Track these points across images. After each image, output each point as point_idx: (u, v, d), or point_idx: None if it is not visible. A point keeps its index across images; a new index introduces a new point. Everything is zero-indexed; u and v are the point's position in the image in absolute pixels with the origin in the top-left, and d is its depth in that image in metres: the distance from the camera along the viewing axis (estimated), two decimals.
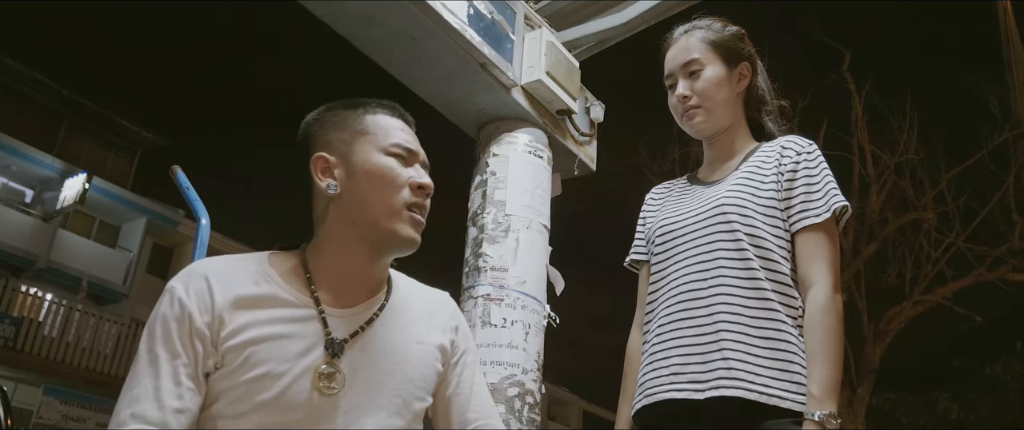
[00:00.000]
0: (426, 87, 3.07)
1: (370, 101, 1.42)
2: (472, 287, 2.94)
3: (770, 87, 1.97)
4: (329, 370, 1.25)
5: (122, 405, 1.19)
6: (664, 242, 1.84)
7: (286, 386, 1.22)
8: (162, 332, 1.22)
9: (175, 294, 1.25)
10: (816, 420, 1.55)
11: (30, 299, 15.32)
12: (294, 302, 1.29)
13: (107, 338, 15.76)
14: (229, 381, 1.22)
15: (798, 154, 1.78)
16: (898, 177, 12.84)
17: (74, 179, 17.63)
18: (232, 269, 1.30)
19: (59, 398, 15.06)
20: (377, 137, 1.37)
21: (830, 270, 1.69)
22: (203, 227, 2.45)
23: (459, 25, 2.79)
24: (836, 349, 1.62)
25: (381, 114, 1.40)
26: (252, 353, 1.22)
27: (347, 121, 1.39)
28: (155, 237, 19.58)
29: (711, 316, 1.68)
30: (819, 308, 1.65)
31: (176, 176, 2.47)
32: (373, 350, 1.31)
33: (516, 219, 3.00)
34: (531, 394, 2.84)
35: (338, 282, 1.33)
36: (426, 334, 1.40)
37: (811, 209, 1.73)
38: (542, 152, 3.19)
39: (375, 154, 1.35)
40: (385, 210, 1.32)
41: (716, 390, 1.61)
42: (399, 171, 1.35)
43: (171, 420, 1.17)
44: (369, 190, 1.33)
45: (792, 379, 1.61)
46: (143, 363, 1.21)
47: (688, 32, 1.92)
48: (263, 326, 1.24)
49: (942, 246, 12.49)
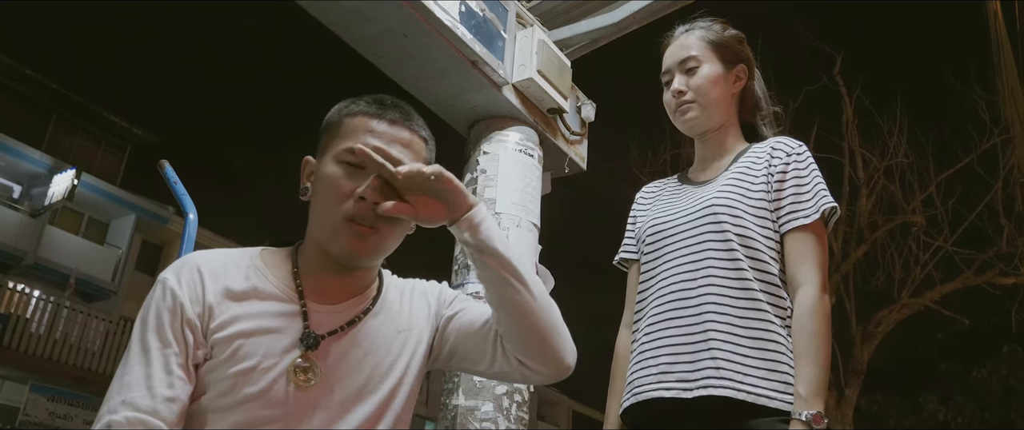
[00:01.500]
0: (417, 85, 3.07)
1: (359, 99, 1.35)
2: (461, 285, 2.94)
3: (766, 94, 1.98)
4: (304, 363, 1.24)
5: (113, 392, 1.19)
6: (654, 242, 1.84)
7: (272, 380, 1.22)
8: (155, 322, 1.22)
9: (167, 285, 1.25)
10: (803, 420, 1.55)
11: (17, 296, 15.22)
12: (281, 297, 1.28)
13: (95, 335, 15.67)
14: (217, 373, 1.21)
15: (788, 155, 1.79)
16: (887, 180, 12.88)
17: (63, 175, 17.52)
18: (224, 262, 1.30)
19: (46, 396, 14.96)
20: (341, 141, 1.30)
21: (818, 271, 1.70)
22: (191, 222, 2.44)
23: (451, 22, 2.79)
24: (824, 350, 1.62)
25: (359, 114, 1.32)
26: (240, 346, 1.22)
27: (331, 121, 1.35)
28: (144, 234, 19.49)
29: (700, 316, 1.69)
30: (807, 309, 1.65)
31: (164, 170, 2.46)
32: (356, 349, 1.30)
33: (506, 217, 3.00)
34: (519, 393, 2.84)
35: (321, 280, 1.32)
36: (407, 320, 1.38)
37: (800, 210, 1.74)
38: (533, 150, 3.19)
39: (329, 162, 1.30)
40: (328, 224, 1.28)
41: (704, 389, 1.62)
42: (341, 181, 1.27)
43: (161, 408, 1.16)
44: (320, 200, 1.30)
45: (780, 379, 1.62)
46: (135, 352, 1.21)
47: (688, 31, 1.94)
48: (251, 319, 1.24)
49: (930, 249, 12.53)
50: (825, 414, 1.57)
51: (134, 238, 19.08)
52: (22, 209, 17.55)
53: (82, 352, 15.29)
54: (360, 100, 1.35)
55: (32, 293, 15.53)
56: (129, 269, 18.82)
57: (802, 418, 1.55)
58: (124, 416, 1.15)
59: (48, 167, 17.82)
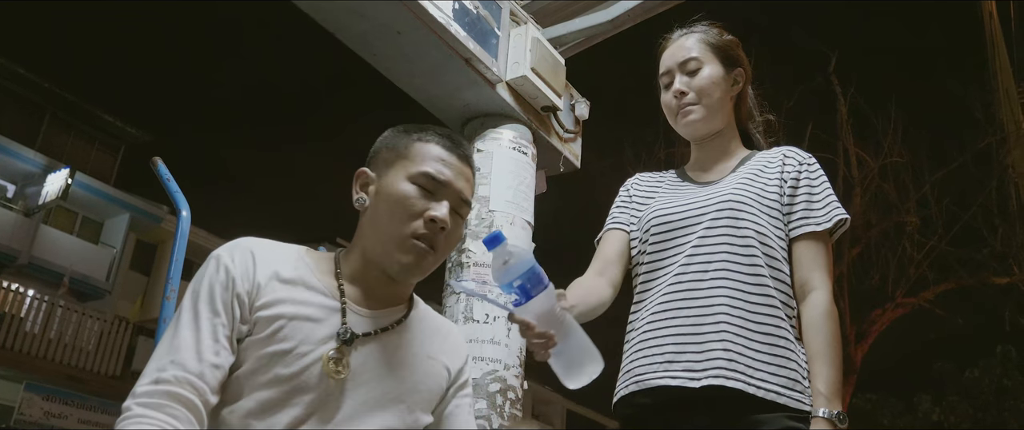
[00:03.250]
0: (411, 82, 3.07)
1: (430, 128, 1.45)
2: (455, 283, 2.94)
3: (757, 102, 1.99)
4: (337, 356, 1.30)
5: (161, 353, 1.25)
6: (661, 233, 1.81)
7: (305, 367, 1.28)
8: (207, 293, 1.29)
9: (221, 260, 1.32)
10: (827, 418, 1.57)
11: (11, 295, 15.14)
12: (324, 291, 1.35)
13: (90, 335, 15.60)
14: (254, 350, 1.28)
15: (800, 164, 1.81)
16: (882, 180, 12.91)
17: (56, 174, 17.47)
18: (274, 248, 1.39)
19: (41, 394, 14.92)
20: (412, 163, 1.39)
21: (828, 277, 1.73)
22: (184, 219, 2.43)
23: (445, 20, 2.79)
24: (838, 352, 1.66)
25: (431, 142, 1.42)
26: (281, 326, 1.29)
27: (399, 142, 1.43)
28: (139, 233, 19.43)
29: (712, 307, 1.67)
30: (822, 312, 1.67)
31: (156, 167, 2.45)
32: (385, 355, 1.37)
33: (499, 215, 3.00)
34: (513, 390, 2.84)
35: (361, 286, 1.40)
36: (438, 352, 1.46)
37: (812, 217, 1.75)
38: (526, 148, 3.19)
39: (400, 180, 1.38)
40: (391, 237, 1.36)
41: (714, 379, 1.60)
42: (415, 201, 1.36)
43: (207, 372, 1.23)
44: (384, 213, 1.37)
45: (790, 376, 1.62)
46: (186, 319, 1.28)
47: (686, 33, 1.93)
48: (295, 305, 1.31)
49: (924, 249, 12.57)
50: (846, 415, 1.59)
51: (128, 237, 19.02)
52: (16, 208, 17.48)
53: (77, 351, 15.22)
54: (429, 130, 1.45)
55: (26, 292, 15.47)
56: (123, 268, 18.76)
57: (827, 416, 1.57)
58: (173, 374, 1.21)
59: (42, 166, 17.76)
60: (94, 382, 15.28)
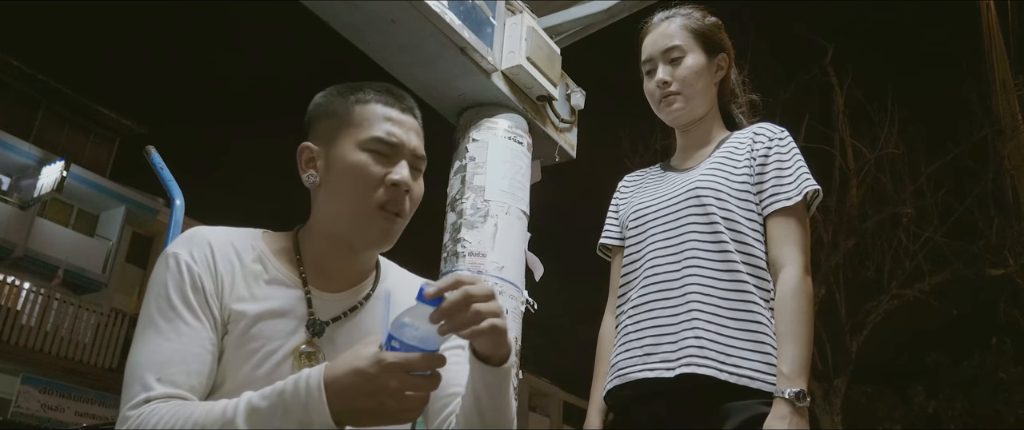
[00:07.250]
0: (406, 71, 3.05)
1: (365, 86, 1.35)
2: (450, 272, 2.93)
3: (739, 81, 1.98)
4: (309, 350, 1.25)
5: (143, 369, 1.15)
6: (637, 226, 1.85)
7: (276, 364, 1.23)
8: (179, 297, 1.20)
9: (181, 259, 1.24)
10: (786, 397, 1.55)
11: (7, 288, 15.14)
12: (284, 281, 1.29)
13: (86, 327, 15.62)
14: (231, 352, 1.22)
15: (770, 140, 1.80)
16: (878, 171, 12.92)
17: (51, 167, 17.44)
18: (230, 239, 1.31)
19: (38, 387, 14.93)
20: (359, 130, 1.30)
21: (801, 252, 1.70)
22: (177, 208, 2.43)
23: (439, 8, 2.77)
24: (806, 329, 1.63)
25: (372, 102, 1.33)
26: (249, 325, 1.23)
27: (336, 108, 1.34)
28: (134, 226, 19.41)
29: (683, 297, 1.69)
30: (790, 289, 1.66)
31: (150, 156, 2.45)
32: (359, 334, 1.30)
33: (495, 204, 2.99)
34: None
35: (324, 267, 1.33)
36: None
37: (782, 192, 1.74)
38: (522, 138, 3.18)
39: (351, 149, 1.29)
40: (355, 211, 1.28)
41: (686, 367, 1.62)
42: (372, 168, 1.28)
43: (197, 385, 1.17)
44: (342, 188, 1.29)
45: (764, 359, 1.62)
46: (163, 327, 1.19)
47: (668, 18, 1.92)
48: (258, 302, 1.25)
49: (920, 241, 12.59)
50: (807, 394, 1.57)
51: (124, 230, 19.00)
52: (11, 201, 17.44)
53: (73, 344, 15.24)
54: (364, 88, 1.35)
55: (22, 285, 15.46)
56: (119, 261, 18.75)
57: (785, 396, 1.55)
58: (164, 391, 1.14)
59: (37, 159, 17.73)
60: (91, 375, 15.29)
